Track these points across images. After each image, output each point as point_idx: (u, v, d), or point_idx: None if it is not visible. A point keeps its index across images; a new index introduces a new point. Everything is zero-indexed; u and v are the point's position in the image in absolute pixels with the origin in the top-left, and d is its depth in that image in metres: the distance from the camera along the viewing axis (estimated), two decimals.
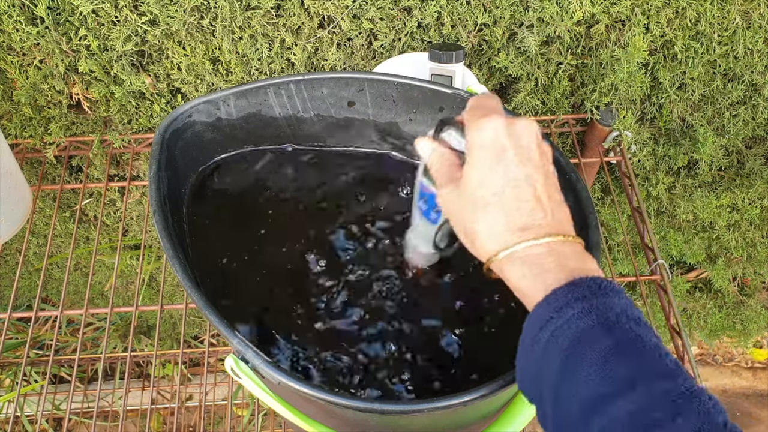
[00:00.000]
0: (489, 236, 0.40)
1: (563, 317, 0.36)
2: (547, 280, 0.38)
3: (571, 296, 0.37)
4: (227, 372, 0.47)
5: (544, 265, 0.39)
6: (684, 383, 0.33)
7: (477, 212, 0.41)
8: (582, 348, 0.35)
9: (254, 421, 1.24)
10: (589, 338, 0.35)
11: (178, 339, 1.41)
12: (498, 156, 0.40)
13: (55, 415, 1.40)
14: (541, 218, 0.40)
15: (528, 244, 0.39)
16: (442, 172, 0.44)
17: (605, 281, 0.38)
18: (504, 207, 0.40)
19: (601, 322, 0.36)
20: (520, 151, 0.40)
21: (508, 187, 0.40)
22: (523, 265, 0.39)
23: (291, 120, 0.63)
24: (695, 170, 0.97)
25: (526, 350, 0.39)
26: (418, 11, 0.78)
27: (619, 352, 0.34)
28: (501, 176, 0.40)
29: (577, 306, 0.36)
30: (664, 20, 0.78)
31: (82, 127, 0.89)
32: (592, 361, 0.35)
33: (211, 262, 0.58)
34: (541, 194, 0.40)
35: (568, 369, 0.35)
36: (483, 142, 0.40)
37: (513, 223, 0.40)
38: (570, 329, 0.36)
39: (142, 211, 1.04)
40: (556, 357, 0.36)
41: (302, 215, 0.63)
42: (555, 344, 0.37)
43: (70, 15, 0.76)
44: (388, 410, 0.43)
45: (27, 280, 1.24)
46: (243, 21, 0.77)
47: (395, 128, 0.64)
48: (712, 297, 1.27)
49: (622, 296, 0.38)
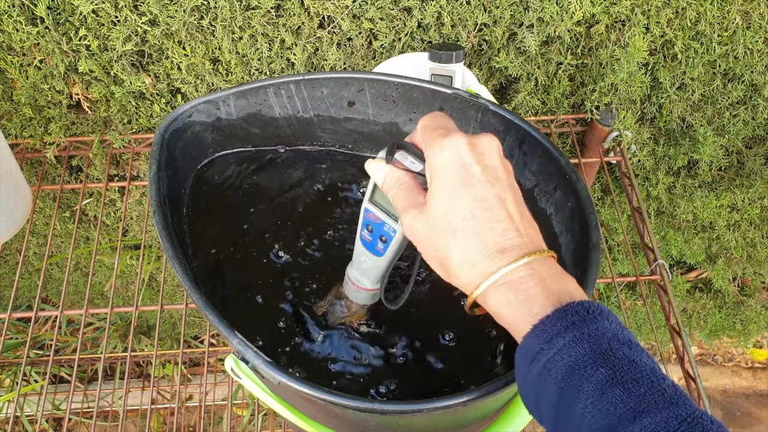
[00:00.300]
0: (463, 263, 0.38)
1: (554, 348, 0.35)
2: (533, 308, 0.36)
3: (560, 325, 0.35)
4: (227, 372, 0.47)
5: (528, 290, 0.37)
6: (685, 409, 0.32)
7: (447, 239, 0.38)
8: (577, 380, 0.34)
9: (254, 421, 1.24)
10: (583, 369, 0.34)
11: (178, 339, 1.41)
12: (464, 177, 0.38)
13: (55, 415, 1.40)
14: (516, 237, 0.38)
15: (509, 269, 0.37)
16: (401, 197, 0.42)
17: (592, 305, 0.36)
18: (476, 230, 0.38)
19: (594, 350, 0.34)
20: (486, 171, 0.38)
21: (479, 209, 0.38)
22: (507, 292, 0.37)
23: (291, 120, 0.63)
24: (695, 170, 0.97)
25: (520, 381, 0.38)
26: (418, 11, 0.78)
27: (616, 382, 0.33)
28: (469, 198, 0.38)
29: (568, 335, 0.35)
30: (664, 20, 0.78)
31: (82, 127, 0.89)
32: (588, 393, 0.33)
33: (211, 261, 0.58)
34: (513, 213, 0.38)
35: (564, 402, 0.34)
36: (446, 164, 0.38)
37: (488, 246, 0.38)
38: (562, 360, 0.35)
39: (142, 211, 1.04)
40: (552, 389, 0.35)
41: (302, 215, 0.63)
42: (548, 376, 0.35)
43: (70, 15, 0.76)
44: (388, 410, 0.43)
45: (27, 280, 1.24)
46: (243, 21, 0.77)
47: (395, 128, 0.64)
48: (712, 297, 1.27)
49: (612, 318, 0.36)
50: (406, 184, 0.42)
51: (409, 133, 0.64)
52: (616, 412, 0.32)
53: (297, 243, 0.60)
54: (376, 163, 0.43)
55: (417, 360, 0.54)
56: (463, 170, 0.38)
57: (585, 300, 0.37)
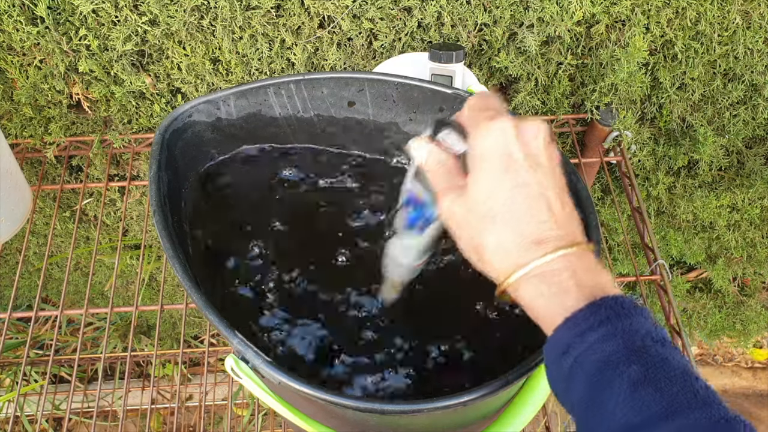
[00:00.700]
0: (497, 251, 0.38)
1: (586, 342, 0.35)
2: (566, 301, 0.36)
3: (593, 319, 0.35)
4: (227, 372, 0.47)
5: (562, 283, 0.36)
6: (719, 411, 0.32)
7: (485, 224, 0.38)
8: (609, 375, 0.34)
9: (254, 421, 1.24)
10: (615, 364, 0.34)
11: (178, 339, 1.41)
12: (506, 163, 0.37)
13: (55, 415, 1.40)
14: (555, 229, 0.37)
15: (545, 260, 0.36)
16: (442, 179, 0.41)
17: (627, 300, 0.36)
18: (514, 218, 0.37)
19: (628, 346, 0.34)
20: (529, 157, 0.38)
21: (519, 196, 0.37)
22: (539, 284, 0.37)
23: (291, 120, 0.63)
24: (695, 170, 0.97)
25: (551, 372, 0.37)
26: (418, 11, 0.78)
27: (649, 380, 0.33)
28: (510, 184, 0.37)
29: (601, 330, 0.34)
30: (664, 20, 0.78)
31: (82, 127, 0.89)
32: (620, 390, 0.33)
33: (212, 261, 0.58)
34: (553, 203, 0.38)
35: (595, 397, 0.34)
36: (490, 148, 0.38)
37: (525, 236, 0.37)
38: (594, 354, 0.34)
39: (142, 211, 1.04)
40: (582, 383, 0.35)
41: (303, 215, 0.63)
42: (579, 370, 0.35)
43: (71, 15, 0.76)
44: (388, 410, 0.43)
45: (27, 280, 1.24)
46: (243, 21, 0.77)
47: (395, 128, 0.64)
48: (712, 297, 1.27)
49: (646, 315, 0.36)
50: (447, 165, 0.41)
51: (410, 133, 0.65)
52: (648, 411, 0.32)
53: (297, 243, 0.60)
54: (420, 141, 0.42)
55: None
56: (506, 156, 0.37)
57: (619, 295, 0.36)
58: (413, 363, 0.54)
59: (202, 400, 1.42)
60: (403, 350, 0.54)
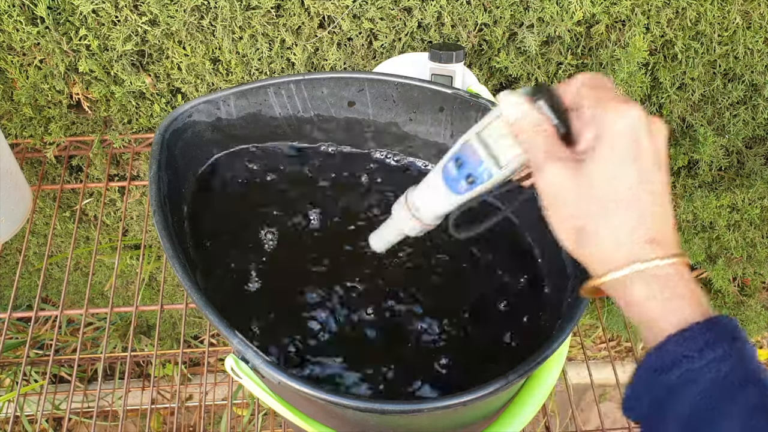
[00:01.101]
0: (608, 239, 0.35)
1: (704, 359, 0.33)
2: (683, 309, 0.35)
3: (710, 336, 0.33)
4: (227, 372, 0.47)
5: (676, 289, 0.35)
6: None
7: (599, 207, 0.35)
8: (723, 398, 0.32)
9: (254, 421, 1.24)
10: (730, 387, 0.33)
11: (178, 339, 1.41)
12: (635, 152, 0.35)
13: (55, 415, 1.40)
14: (671, 232, 0.35)
15: (666, 262, 0.35)
16: (541, 144, 0.37)
17: (737, 323, 0.35)
18: (638, 211, 0.35)
19: (744, 371, 0.33)
20: (657, 154, 0.36)
21: (644, 190, 0.35)
22: (653, 285, 0.35)
23: (291, 120, 0.64)
24: (695, 170, 0.97)
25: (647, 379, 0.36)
26: (418, 11, 0.78)
27: (765, 407, 0.31)
28: (636, 174, 0.35)
29: (718, 350, 0.33)
30: (664, 20, 0.78)
31: (82, 127, 0.89)
32: (735, 415, 0.32)
33: (212, 261, 0.58)
34: (669, 206, 0.36)
35: (704, 417, 0.33)
36: (622, 131, 0.35)
37: (642, 231, 0.35)
38: (710, 373, 0.33)
39: (142, 211, 1.04)
40: (689, 399, 0.33)
41: (303, 215, 0.63)
42: (690, 385, 0.33)
43: (71, 15, 0.76)
44: (388, 410, 0.43)
45: (27, 280, 1.24)
46: (243, 21, 0.77)
47: (395, 128, 0.64)
48: (712, 297, 1.27)
49: (749, 342, 0.35)
50: (549, 131, 0.37)
51: (409, 133, 0.65)
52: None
53: (298, 243, 0.60)
54: (516, 97, 0.38)
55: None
56: (636, 143, 0.35)
57: (733, 317, 0.35)
58: (413, 363, 0.54)
59: (202, 400, 1.42)
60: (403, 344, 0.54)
